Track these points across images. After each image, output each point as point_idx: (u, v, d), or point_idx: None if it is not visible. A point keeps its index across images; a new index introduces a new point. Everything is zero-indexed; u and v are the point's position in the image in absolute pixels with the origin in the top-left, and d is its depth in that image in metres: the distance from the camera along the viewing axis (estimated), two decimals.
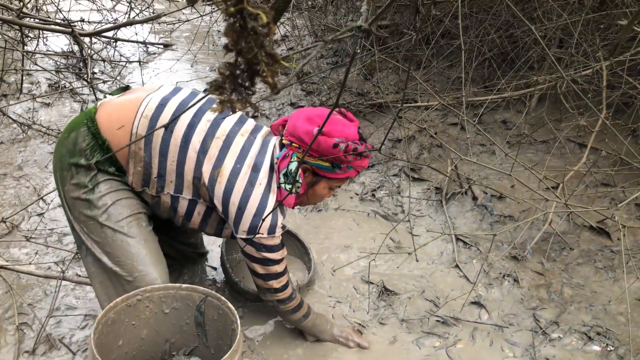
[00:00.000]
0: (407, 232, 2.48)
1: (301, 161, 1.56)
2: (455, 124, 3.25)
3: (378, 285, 2.18)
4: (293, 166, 1.55)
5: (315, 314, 1.84)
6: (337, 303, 2.09)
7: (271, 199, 1.57)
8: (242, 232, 1.56)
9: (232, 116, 1.65)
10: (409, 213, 2.59)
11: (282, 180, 1.57)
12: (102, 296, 1.65)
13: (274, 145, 1.64)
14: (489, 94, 2.97)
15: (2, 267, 1.98)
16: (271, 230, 1.57)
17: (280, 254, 1.63)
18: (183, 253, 2.14)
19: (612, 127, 2.08)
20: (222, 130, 1.59)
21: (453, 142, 3.07)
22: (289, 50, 4.46)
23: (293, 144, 1.58)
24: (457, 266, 2.29)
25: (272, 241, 1.59)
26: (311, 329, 1.85)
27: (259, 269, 1.64)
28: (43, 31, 4.17)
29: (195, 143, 1.55)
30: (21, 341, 1.82)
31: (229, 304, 1.49)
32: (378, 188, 2.81)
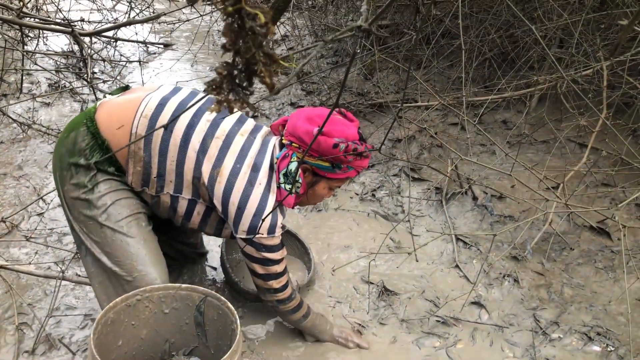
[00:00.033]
0: (407, 232, 2.48)
1: (301, 161, 1.56)
2: (455, 124, 3.25)
3: (378, 285, 2.18)
4: (293, 166, 1.55)
5: (315, 314, 1.84)
6: (337, 303, 2.09)
7: (271, 199, 1.56)
8: (242, 232, 1.55)
9: (232, 116, 1.65)
10: (409, 213, 2.59)
11: (282, 180, 1.57)
12: (102, 296, 1.65)
13: (274, 145, 1.64)
14: (489, 94, 2.96)
15: (2, 267, 1.98)
16: (271, 230, 1.57)
17: (280, 254, 1.63)
18: (183, 253, 2.13)
19: (613, 127, 2.07)
20: (222, 130, 1.58)
21: (453, 142, 3.07)
22: (289, 50, 4.46)
23: (293, 144, 1.58)
24: (457, 266, 2.29)
25: (272, 241, 1.59)
26: (311, 329, 1.85)
27: (259, 269, 1.64)
28: (43, 31, 4.17)
29: (194, 143, 1.55)
30: (21, 341, 1.82)
31: (229, 304, 1.49)
32: (378, 188, 2.81)
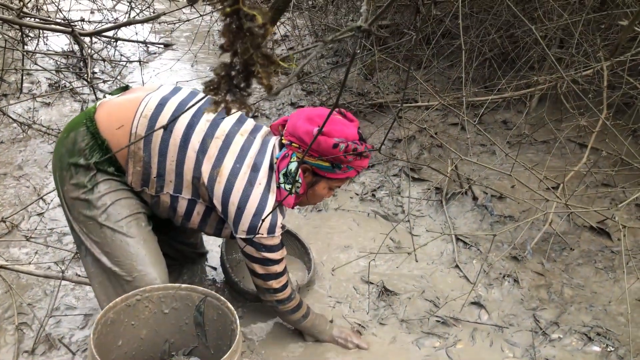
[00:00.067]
0: (407, 232, 2.48)
1: (301, 161, 1.56)
2: (455, 124, 3.25)
3: (378, 285, 2.18)
4: (293, 166, 1.55)
5: (314, 315, 1.84)
6: (337, 303, 2.09)
7: (271, 199, 1.56)
8: (242, 232, 1.55)
9: (232, 116, 1.65)
10: (409, 213, 2.59)
11: (282, 180, 1.57)
12: (102, 296, 1.65)
13: (274, 145, 1.64)
14: (490, 94, 2.96)
15: (2, 267, 1.98)
16: (271, 230, 1.57)
17: (279, 254, 1.63)
18: (182, 253, 2.13)
19: (613, 128, 2.07)
20: (222, 130, 1.58)
21: (453, 142, 3.07)
22: (289, 50, 4.45)
23: (293, 144, 1.58)
24: (457, 266, 2.29)
25: (272, 241, 1.59)
26: (310, 330, 1.85)
27: (259, 269, 1.63)
28: (43, 31, 4.17)
29: (194, 143, 1.55)
30: (21, 341, 1.82)
31: (229, 304, 1.49)
32: (378, 188, 2.81)
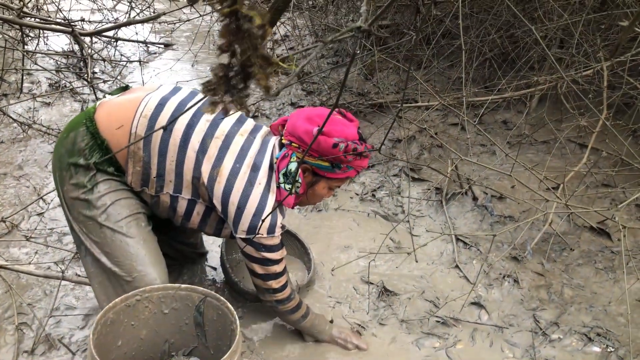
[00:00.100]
0: (407, 233, 2.48)
1: (301, 161, 1.56)
2: (455, 124, 3.25)
3: (378, 285, 2.18)
4: (293, 166, 1.55)
5: (314, 315, 1.84)
6: (337, 303, 2.09)
7: (270, 199, 1.56)
8: (242, 232, 1.55)
9: (231, 116, 1.65)
10: (409, 213, 2.59)
11: (282, 180, 1.57)
12: (101, 296, 1.65)
13: (274, 145, 1.64)
14: (490, 94, 2.96)
15: (2, 267, 1.98)
16: (270, 230, 1.57)
17: (279, 254, 1.63)
18: (182, 253, 2.13)
19: (613, 128, 2.07)
20: (221, 130, 1.58)
21: (453, 143, 3.07)
22: (290, 50, 4.45)
23: (293, 144, 1.58)
24: (457, 266, 2.29)
25: (272, 241, 1.59)
26: (310, 330, 1.85)
27: (258, 269, 1.63)
28: (43, 30, 4.17)
29: (194, 143, 1.55)
30: (20, 341, 1.82)
31: (228, 305, 1.49)
32: (378, 188, 2.81)
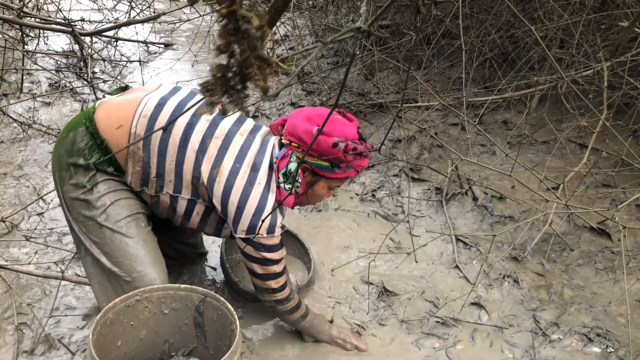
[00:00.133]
0: (407, 233, 2.48)
1: (301, 161, 1.56)
2: (455, 124, 3.24)
3: (378, 285, 2.17)
4: (293, 166, 1.55)
5: (313, 315, 1.83)
6: (337, 304, 2.09)
7: (270, 199, 1.56)
8: (241, 232, 1.55)
9: (231, 116, 1.65)
10: (409, 213, 2.58)
11: (282, 179, 1.57)
12: (101, 296, 1.65)
13: (273, 144, 1.64)
14: (490, 95, 2.96)
15: (2, 267, 1.98)
16: (270, 229, 1.57)
17: (279, 254, 1.63)
18: (182, 253, 2.13)
19: (613, 129, 2.07)
20: (221, 129, 1.58)
21: (453, 143, 3.07)
22: (290, 50, 4.45)
23: (292, 144, 1.58)
24: (457, 267, 2.29)
25: (271, 241, 1.59)
26: (309, 330, 1.84)
27: (258, 269, 1.63)
28: (43, 30, 4.17)
29: (194, 142, 1.55)
30: (20, 341, 1.81)
31: (228, 305, 1.49)
32: (378, 188, 2.80)
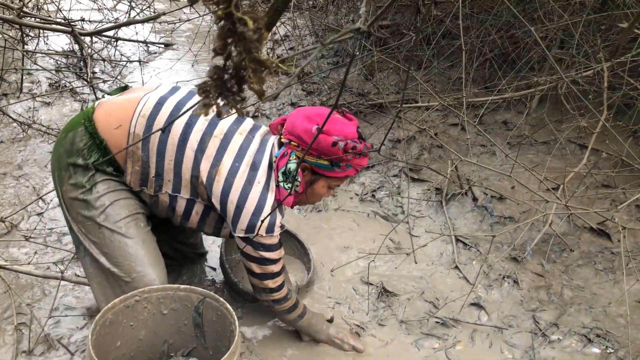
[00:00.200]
0: (407, 233, 2.48)
1: (301, 160, 1.56)
2: (455, 125, 3.24)
3: (377, 286, 2.17)
4: (293, 165, 1.55)
5: (311, 314, 1.83)
6: (337, 304, 2.09)
7: (270, 198, 1.56)
8: (240, 231, 1.55)
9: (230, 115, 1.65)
10: (409, 214, 2.58)
11: (281, 178, 1.57)
12: (100, 297, 1.65)
13: (273, 143, 1.64)
14: (490, 95, 2.96)
15: (1, 267, 1.98)
16: (269, 229, 1.57)
17: (277, 254, 1.63)
18: (182, 253, 2.13)
19: (613, 129, 2.07)
20: (220, 129, 1.58)
21: (453, 143, 3.07)
22: (290, 50, 4.45)
23: (292, 143, 1.58)
24: (457, 267, 2.28)
25: (270, 240, 1.59)
26: (306, 329, 1.84)
27: (256, 268, 1.63)
28: (43, 30, 4.17)
29: (193, 142, 1.55)
30: (19, 341, 1.81)
31: (228, 305, 1.49)
32: (378, 189, 2.80)
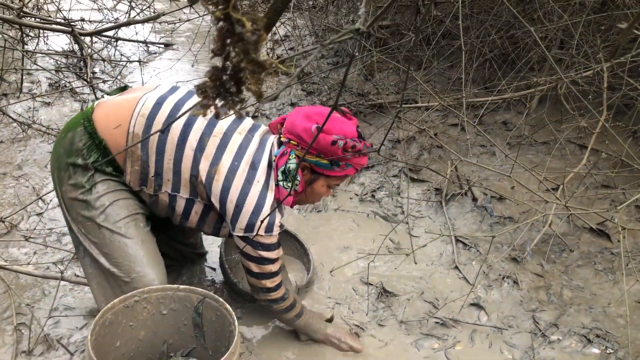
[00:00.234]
0: (407, 233, 2.48)
1: (301, 159, 1.56)
2: (455, 125, 3.24)
3: (377, 286, 2.17)
4: (292, 165, 1.55)
5: (308, 314, 1.83)
6: (336, 304, 2.09)
7: (269, 197, 1.56)
8: (240, 230, 1.55)
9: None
10: (409, 214, 2.58)
11: (280, 177, 1.57)
12: (100, 297, 1.65)
13: (272, 142, 1.64)
14: (490, 95, 2.96)
15: (1, 267, 1.98)
16: (269, 228, 1.57)
17: (276, 254, 1.63)
18: (182, 253, 2.13)
19: (612, 129, 2.07)
20: (220, 128, 1.58)
21: (453, 143, 3.07)
22: (290, 50, 4.45)
23: (291, 142, 1.58)
24: (457, 267, 2.28)
25: (269, 239, 1.59)
26: (304, 329, 1.84)
27: (254, 268, 1.63)
28: (43, 30, 4.17)
29: (192, 141, 1.55)
30: (19, 341, 1.81)
31: (227, 305, 1.49)
32: (378, 189, 2.80)
